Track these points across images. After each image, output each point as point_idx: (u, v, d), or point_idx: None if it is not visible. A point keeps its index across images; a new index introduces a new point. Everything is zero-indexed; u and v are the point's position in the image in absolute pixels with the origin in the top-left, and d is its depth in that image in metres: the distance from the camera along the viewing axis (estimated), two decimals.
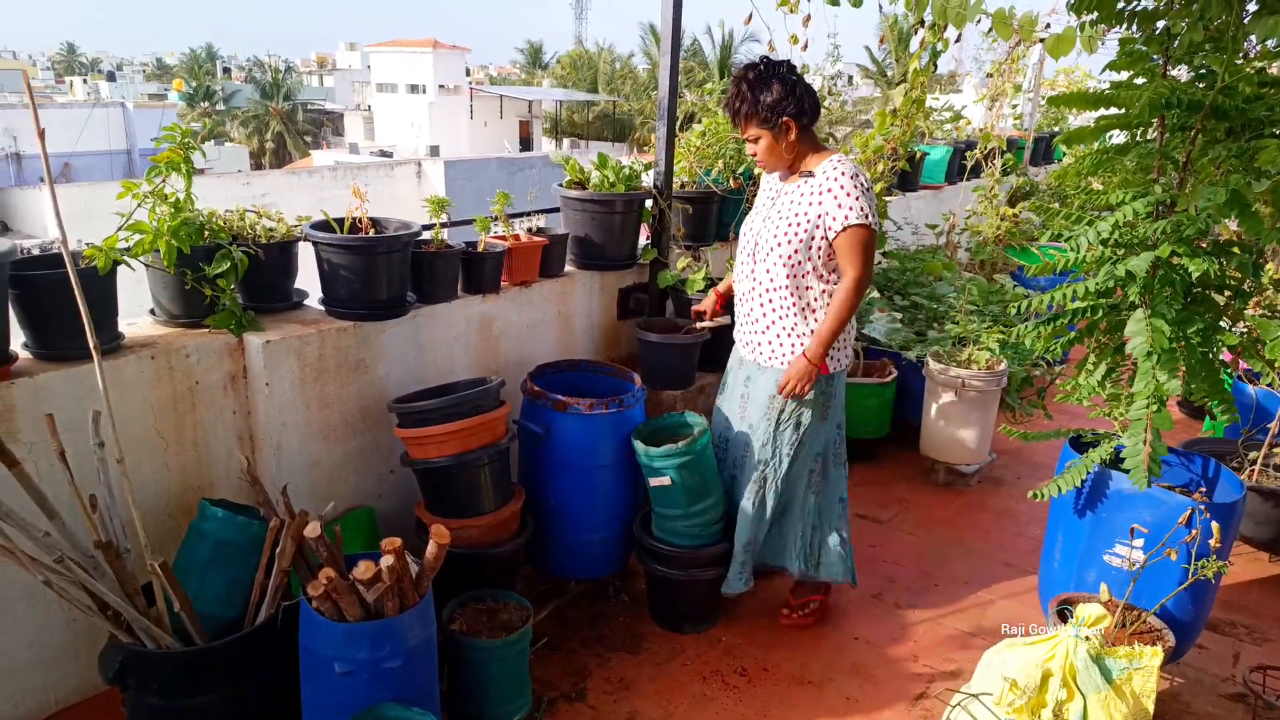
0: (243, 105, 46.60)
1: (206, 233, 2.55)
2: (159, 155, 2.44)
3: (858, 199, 2.64)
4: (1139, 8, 2.40)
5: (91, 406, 2.15)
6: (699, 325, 3.43)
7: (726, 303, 3.28)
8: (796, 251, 2.71)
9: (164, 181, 2.45)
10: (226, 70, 62.19)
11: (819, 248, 2.71)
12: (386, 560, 2.05)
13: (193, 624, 2.09)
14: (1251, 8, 2.28)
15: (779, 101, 2.65)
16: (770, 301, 2.81)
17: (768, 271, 2.78)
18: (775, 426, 2.87)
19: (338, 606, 2.09)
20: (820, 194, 2.68)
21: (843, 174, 2.66)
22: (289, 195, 13.55)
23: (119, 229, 2.37)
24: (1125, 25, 2.46)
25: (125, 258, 2.36)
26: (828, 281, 2.77)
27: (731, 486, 3.00)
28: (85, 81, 55.99)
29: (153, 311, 2.63)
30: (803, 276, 2.75)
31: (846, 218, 2.64)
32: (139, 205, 2.42)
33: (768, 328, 2.84)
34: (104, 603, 2.01)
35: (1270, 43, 2.34)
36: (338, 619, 2.09)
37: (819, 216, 2.68)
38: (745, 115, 2.69)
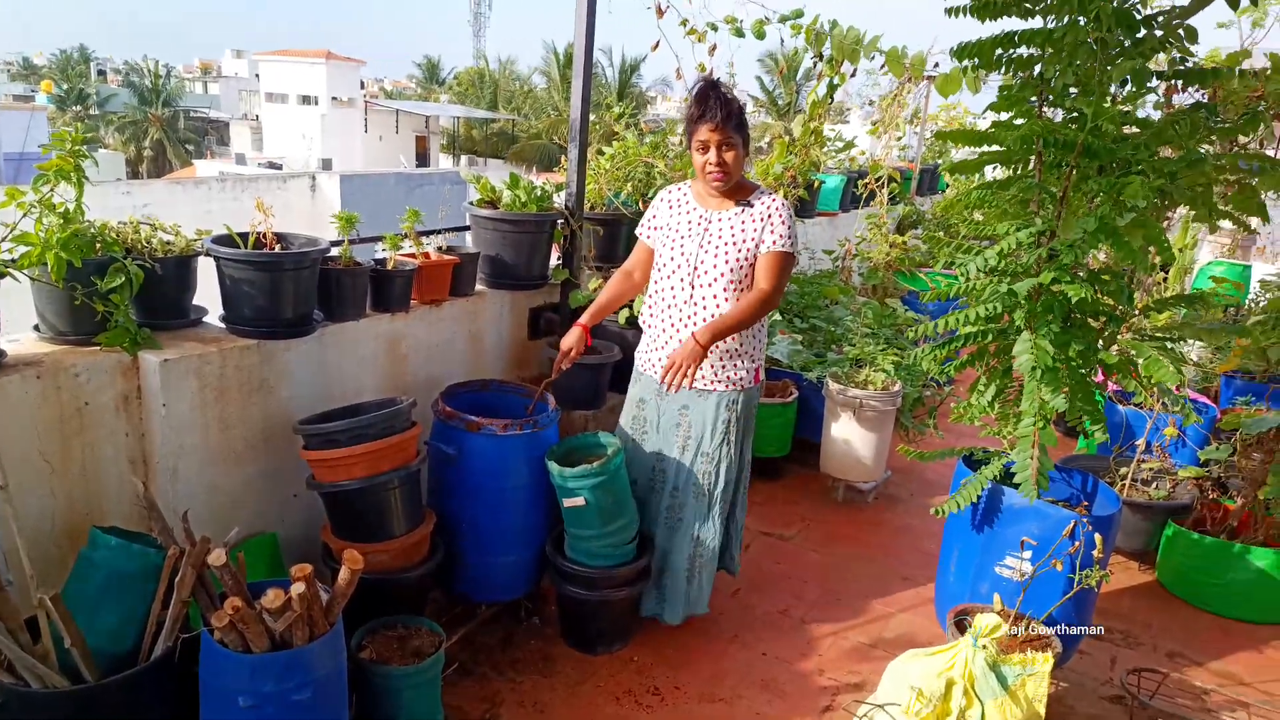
0: (119, 110, 44.29)
1: (98, 245, 2.42)
2: (47, 163, 2.31)
3: (790, 230, 2.86)
4: (1015, 54, 2.58)
5: None
6: (562, 368, 3.06)
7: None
8: (747, 278, 2.86)
9: (52, 190, 2.32)
10: (101, 73, 58.89)
11: (750, 270, 2.87)
12: (298, 588, 1.98)
13: (84, 660, 1.96)
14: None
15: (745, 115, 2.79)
16: None
17: (714, 297, 2.85)
18: (733, 447, 2.98)
19: (243, 637, 2.01)
20: (761, 221, 2.84)
21: (781, 207, 2.87)
22: (172, 206, 12.98)
23: (3, 239, 2.23)
24: (1003, 71, 2.65)
25: (10, 270, 2.22)
26: None
27: (678, 519, 3.04)
28: None
29: (37, 328, 2.47)
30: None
31: (775, 242, 2.83)
32: (24, 215, 2.28)
33: (710, 351, 2.88)
34: None
35: (1129, 86, 2.55)
36: (243, 650, 2.01)
37: (757, 244, 2.83)
38: (736, 116, 2.75)
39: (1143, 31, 2.46)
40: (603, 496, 2.81)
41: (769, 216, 2.84)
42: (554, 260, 3.96)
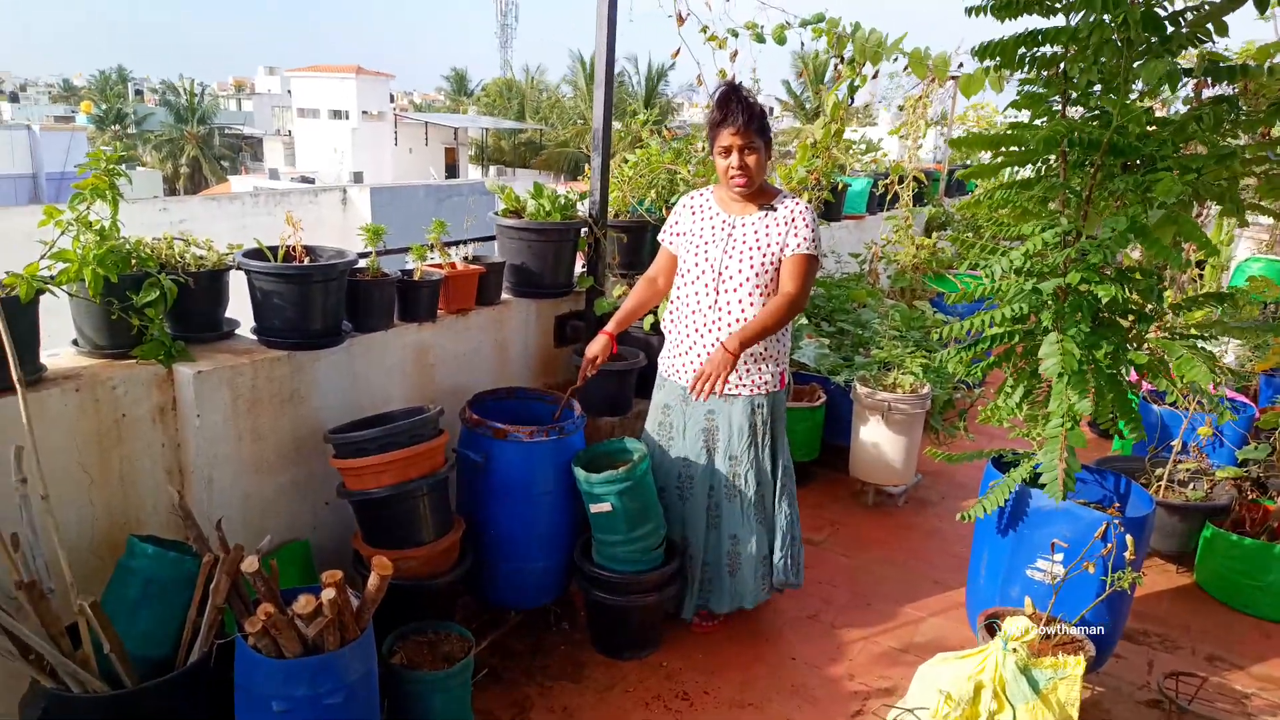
0: (156, 128, 45.23)
1: (134, 261, 2.48)
2: (83, 181, 2.38)
3: (814, 232, 2.88)
4: (1038, 54, 2.57)
5: (13, 441, 2.07)
6: (588, 375, 3.06)
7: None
8: (772, 282, 2.87)
9: (88, 208, 2.38)
10: (139, 92, 60.22)
11: (775, 274, 2.88)
12: (328, 594, 2.02)
13: (123, 665, 2.01)
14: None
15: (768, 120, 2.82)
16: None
17: (739, 302, 2.86)
18: (761, 450, 2.99)
19: (276, 643, 2.04)
20: (785, 224, 2.86)
21: (805, 210, 2.89)
22: (209, 222, 13.23)
23: (42, 256, 2.29)
24: (1025, 70, 2.63)
25: (49, 286, 2.28)
26: None
27: (716, 518, 3.05)
28: None
29: (75, 342, 2.54)
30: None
31: (799, 245, 2.84)
32: (62, 232, 2.35)
33: None
34: (26, 646, 1.92)
35: (1163, 84, 2.52)
36: (276, 656, 2.05)
37: (782, 248, 2.84)
38: (758, 119, 2.78)
39: (1170, 29, 2.43)
40: (629, 502, 2.82)
41: (793, 220, 2.86)
42: (579, 268, 3.99)
